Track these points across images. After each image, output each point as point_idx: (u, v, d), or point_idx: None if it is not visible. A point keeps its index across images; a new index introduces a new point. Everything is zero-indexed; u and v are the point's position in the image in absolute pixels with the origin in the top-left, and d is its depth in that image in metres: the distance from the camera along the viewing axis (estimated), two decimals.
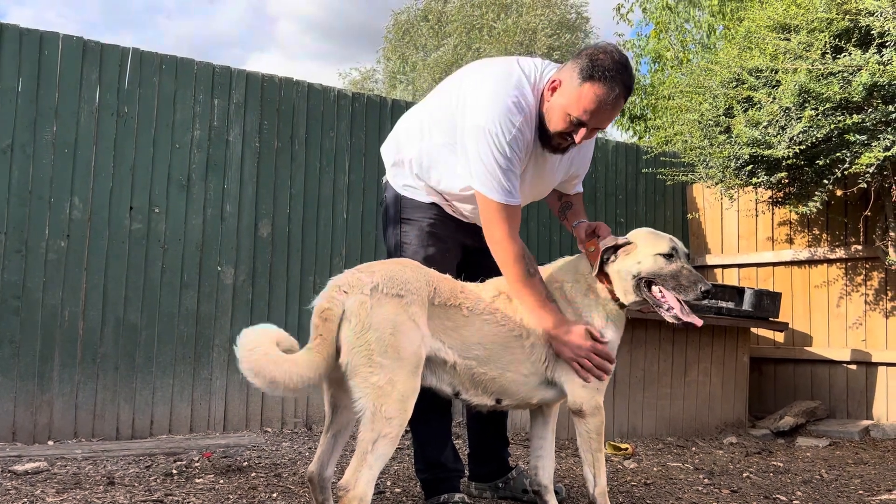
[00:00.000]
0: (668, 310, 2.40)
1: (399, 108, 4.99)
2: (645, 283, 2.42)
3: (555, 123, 2.39)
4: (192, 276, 4.27)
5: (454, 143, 2.49)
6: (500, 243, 2.41)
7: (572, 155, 2.64)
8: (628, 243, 2.46)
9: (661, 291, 2.41)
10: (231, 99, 4.45)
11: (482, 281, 2.50)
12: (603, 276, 2.47)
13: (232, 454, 3.65)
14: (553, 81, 2.40)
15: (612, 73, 2.29)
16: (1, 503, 2.64)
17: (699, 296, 2.37)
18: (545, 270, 2.55)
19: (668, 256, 2.41)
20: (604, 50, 2.33)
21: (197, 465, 3.40)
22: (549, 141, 2.45)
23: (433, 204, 2.63)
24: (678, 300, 2.39)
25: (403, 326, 2.13)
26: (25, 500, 2.70)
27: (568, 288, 2.48)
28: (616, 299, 2.47)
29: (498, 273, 2.58)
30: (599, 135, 2.88)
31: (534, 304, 2.36)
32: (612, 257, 2.45)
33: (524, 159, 2.45)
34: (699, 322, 2.41)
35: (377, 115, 4.92)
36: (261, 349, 2.00)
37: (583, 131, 2.37)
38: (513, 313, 2.39)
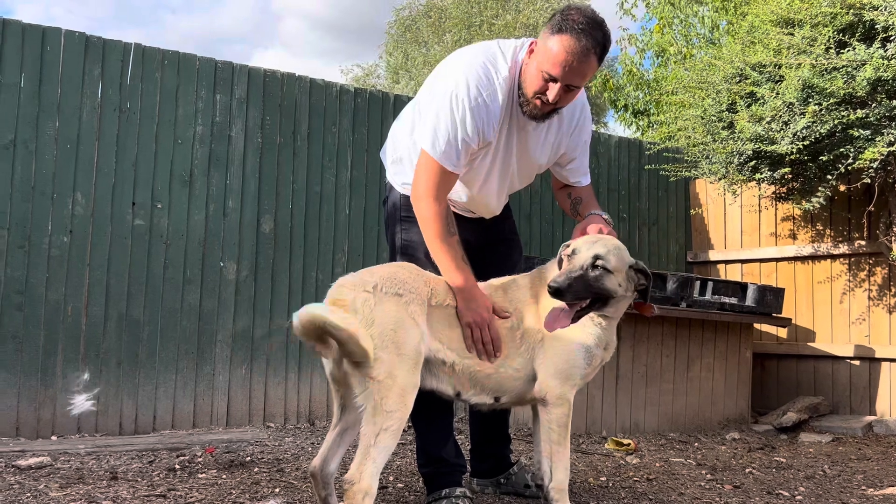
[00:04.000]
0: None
1: (401, 103, 4.97)
2: None
3: (531, 84, 2.39)
4: (194, 271, 4.27)
5: None
6: (423, 199, 2.42)
7: (560, 132, 2.62)
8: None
9: None
10: (233, 94, 4.45)
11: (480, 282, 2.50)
12: None
13: (235, 449, 3.66)
14: (531, 44, 2.44)
15: (582, 26, 2.28)
16: (5, 498, 2.65)
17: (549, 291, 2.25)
18: (543, 271, 2.54)
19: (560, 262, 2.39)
20: (576, 8, 2.35)
21: (200, 460, 3.41)
22: (528, 106, 2.43)
23: None
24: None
25: (404, 323, 2.18)
26: (29, 494, 2.71)
27: None
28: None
29: (500, 270, 2.57)
30: (602, 130, 2.88)
31: (449, 263, 2.39)
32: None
33: (488, 132, 2.43)
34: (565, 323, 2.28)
35: (380, 110, 4.92)
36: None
37: (554, 87, 2.34)
38: (507, 306, 2.43)
